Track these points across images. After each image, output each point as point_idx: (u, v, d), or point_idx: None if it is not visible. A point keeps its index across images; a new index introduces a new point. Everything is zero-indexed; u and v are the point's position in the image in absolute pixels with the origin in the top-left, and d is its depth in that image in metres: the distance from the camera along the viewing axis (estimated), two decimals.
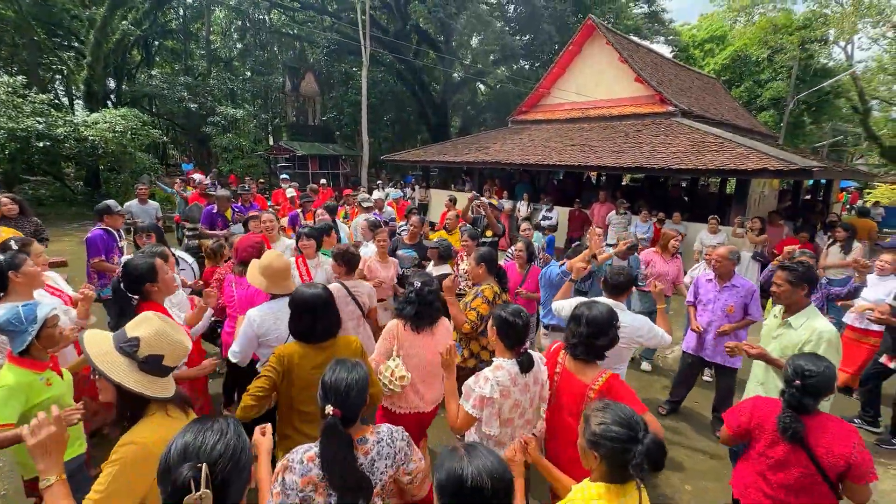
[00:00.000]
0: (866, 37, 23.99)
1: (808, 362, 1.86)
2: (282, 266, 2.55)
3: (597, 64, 12.80)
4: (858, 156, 31.66)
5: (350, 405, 1.45)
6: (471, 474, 1.10)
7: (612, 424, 1.37)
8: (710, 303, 3.73)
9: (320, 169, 18.72)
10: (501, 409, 1.92)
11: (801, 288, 2.50)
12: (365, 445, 1.51)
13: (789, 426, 1.84)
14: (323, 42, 22.27)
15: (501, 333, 1.99)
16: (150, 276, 2.31)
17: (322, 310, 2.04)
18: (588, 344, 1.97)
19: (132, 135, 13.09)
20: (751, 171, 7.33)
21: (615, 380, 1.95)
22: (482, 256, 3.19)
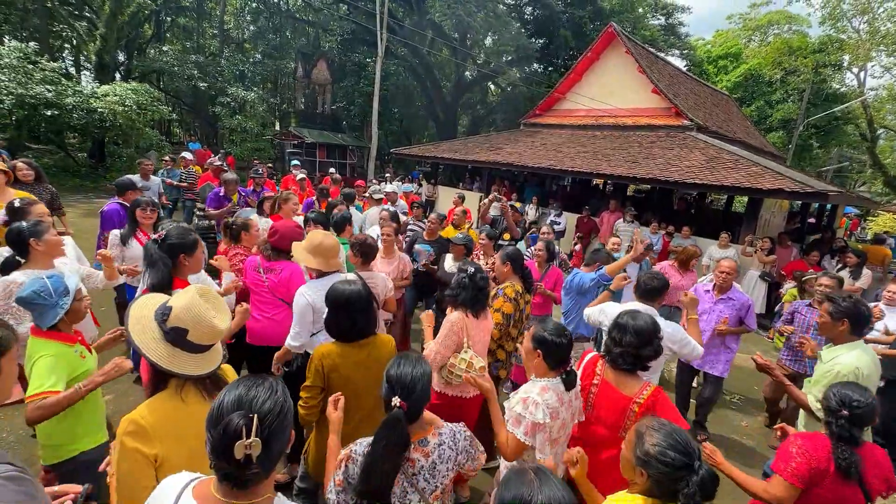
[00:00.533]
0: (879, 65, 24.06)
1: (854, 392, 1.78)
2: (332, 244, 2.62)
3: (614, 72, 12.76)
4: (861, 182, 31.83)
5: (415, 399, 1.44)
6: (539, 502, 1.06)
7: (669, 449, 1.32)
8: (706, 313, 3.78)
9: (328, 157, 18.61)
10: (551, 432, 1.86)
11: (841, 323, 2.39)
12: (426, 447, 1.48)
13: (851, 462, 1.73)
14: (337, 30, 22.10)
15: (546, 355, 1.89)
16: (191, 247, 2.29)
17: (361, 306, 2.00)
18: (633, 355, 1.92)
19: (141, 110, 12.95)
20: (766, 190, 7.31)
21: (660, 393, 1.90)
22: (508, 255, 3.16)
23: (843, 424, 1.76)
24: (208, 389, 1.45)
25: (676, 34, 26.16)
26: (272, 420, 1.03)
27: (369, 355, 2.01)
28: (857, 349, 2.39)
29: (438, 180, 15.62)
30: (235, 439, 0.96)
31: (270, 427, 1.02)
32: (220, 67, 19.70)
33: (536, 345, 1.91)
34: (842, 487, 1.77)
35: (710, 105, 14.75)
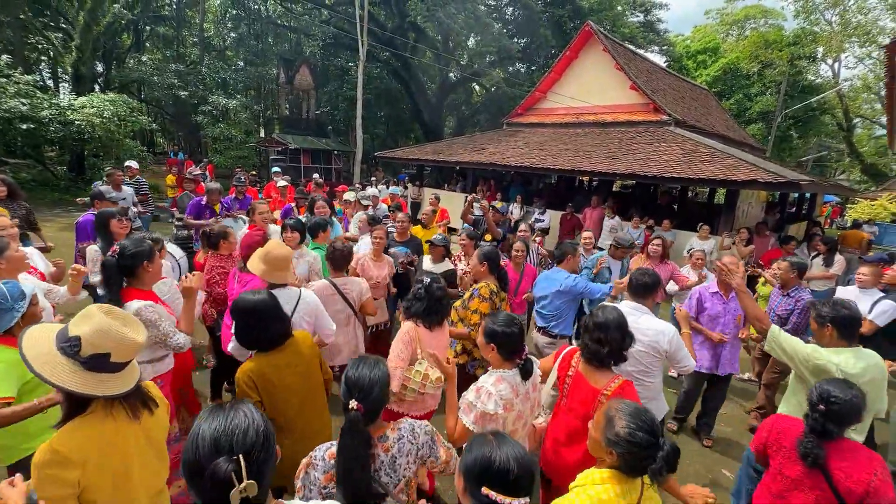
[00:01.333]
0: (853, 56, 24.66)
1: (836, 388, 1.81)
2: (281, 254, 2.56)
3: (593, 70, 12.91)
4: (840, 171, 32.52)
5: (372, 401, 1.46)
6: (499, 457, 1.17)
7: (637, 430, 1.40)
8: (721, 315, 3.62)
9: (312, 163, 18.54)
10: (505, 423, 1.87)
11: (826, 328, 2.30)
12: (386, 443, 1.51)
13: (810, 451, 1.81)
14: (319, 35, 22.06)
15: (498, 346, 1.92)
16: (150, 254, 2.27)
17: (271, 315, 1.97)
18: (617, 349, 1.97)
19: (120, 121, 12.80)
20: (741, 181, 7.46)
21: (628, 386, 1.94)
22: (486, 255, 3.16)
23: (818, 418, 1.81)
24: (134, 407, 1.44)
25: (655, 31, 26.51)
26: (258, 452, 0.98)
27: (293, 355, 2.03)
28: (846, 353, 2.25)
29: (424, 182, 15.67)
30: (228, 488, 0.90)
31: (259, 460, 0.97)
32: (202, 75, 19.58)
33: (488, 338, 1.93)
34: (802, 471, 1.86)
35: (688, 100, 14.98)
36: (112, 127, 12.42)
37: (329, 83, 23.84)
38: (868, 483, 1.71)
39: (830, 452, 1.81)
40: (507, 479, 1.15)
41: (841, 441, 1.82)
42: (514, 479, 1.15)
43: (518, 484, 1.15)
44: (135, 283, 2.26)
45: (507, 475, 1.15)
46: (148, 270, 2.26)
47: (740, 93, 25.83)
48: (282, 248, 2.61)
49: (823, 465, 1.80)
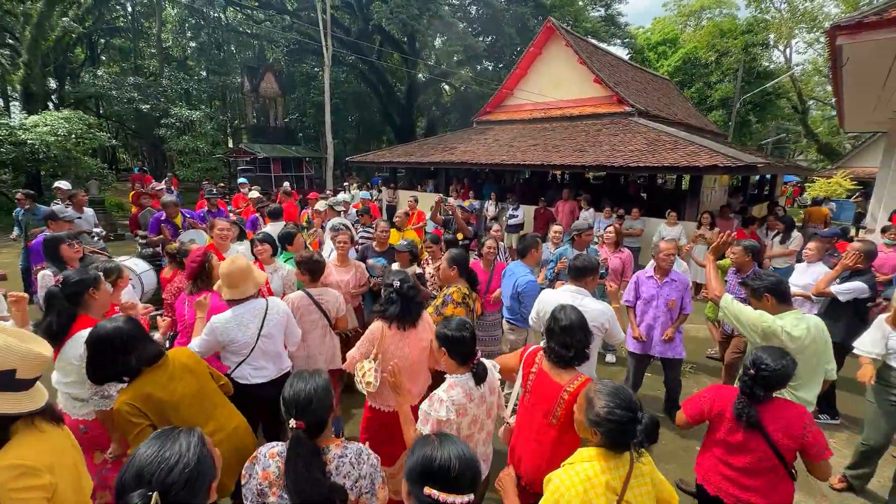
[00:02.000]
0: (803, 41, 25.77)
1: (768, 356, 1.93)
2: (234, 269, 2.50)
3: (557, 65, 13.12)
4: (799, 152, 33.93)
5: (312, 415, 1.44)
6: (440, 456, 1.17)
7: (616, 408, 1.46)
8: (654, 299, 3.77)
9: (283, 171, 18.24)
10: (460, 428, 1.87)
11: (766, 298, 2.44)
12: (326, 455, 1.48)
13: (742, 412, 1.94)
14: (283, 41, 21.72)
15: (451, 351, 1.91)
16: (94, 281, 2.21)
17: (130, 342, 1.81)
18: (581, 350, 2.02)
19: (77, 139, 12.33)
20: (702, 167, 7.72)
21: (589, 382, 1.97)
22: (454, 259, 3.17)
23: (747, 381, 1.95)
24: (54, 416, 1.45)
25: (616, 24, 27.11)
26: (179, 490, 0.97)
27: (173, 369, 1.94)
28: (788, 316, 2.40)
29: (399, 184, 15.62)
30: None
31: (179, 497, 0.97)
32: (162, 87, 18.98)
33: (441, 343, 1.93)
34: (744, 433, 1.97)
35: (651, 90, 15.38)
36: (68, 145, 11.95)
37: (296, 89, 23.49)
38: (801, 437, 1.85)
39: (765, 415, 1.92)
40: (449, 477, 1.15)
41: (773, 402, 1.95)
42: (455, 477, 1.15)
43: (460, 481, 1.16)
44: (84, 311, 2.20)
45: (449, 473, 1.15)
46: (94, 298, 2.21)
47: (700, 81, 26.69)
48: (233, 262, 2.53)
49: (761, 427, 1.91)
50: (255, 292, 2.62)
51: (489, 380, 1.98)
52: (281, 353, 2.69)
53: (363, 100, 25.25)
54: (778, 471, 1.94)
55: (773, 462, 1.92)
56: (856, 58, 6.34)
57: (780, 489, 1.97)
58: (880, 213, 9.71)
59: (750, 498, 1.99)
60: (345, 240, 3.99)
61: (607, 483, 1.44)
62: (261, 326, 2.54)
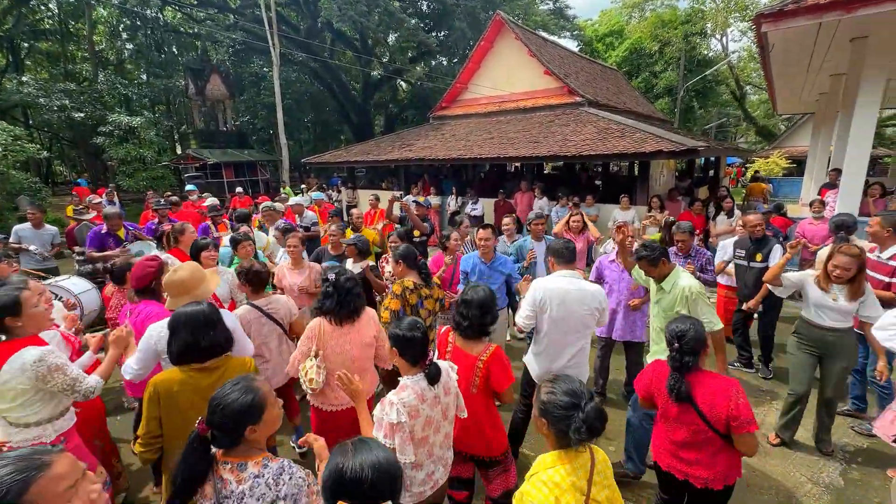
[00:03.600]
0: (737, 30, 27.26)
1: (680, 323, 2.03)
2: (180, 277, 2.41)
3: (508, 58, 13.28)
4: (740, 135, 36.01)
5: (219, 424, 1.38)
6: (351, 467, 1.11)
7: (559, 394, 1.47)
8: (616, 282, 3.82)
9: (236, 177, 17.60)
10: (413, 431, 1.84)
11: (662, 263, 2.84)
12: (242, 473, 1.39)
13: (674, 387, 2.01)
14: (227, 41, 20.85)
15: (402, 352, 1.89)
16: (8, 309, 2.03)
17: (203, 327, 1.88)
18: (479, 324, 2.20)
19: (3, 151, 11.38)
20: (648, 153, 8.04)
21: (498, 351, 2.20)
22: (399, 255, 3.21)
23: (675, 356, 2.02)
24: None
25: (565, 17, 27.72)
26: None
27: (219, 380, 1.83)
28: (683, 275, 2.82)
29: (358, 184, 15.39)
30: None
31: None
32: (97, 93, 17.80)
33: (392, 343, 1.91)
34: (678, 406, 2.04)
35: (600, 80, 15.85)
36: None
37: (245, 91, 22.65)
38: (728, 409, 1.90)
39: (695, 387, 1.99)
40: (362, 488, 1.09)
41: (701, 374, 2.03)
42: (368, 487, 1.09)
43: (375, 491, 1.09)
44: (10, 336, 2.04)
45: (361, 485, 1.09)
46: (15, 324, 2.05)
47: (646, 71, 27.78)
48: (181, 270, 2.44)
49: (692, 399, 1.98)
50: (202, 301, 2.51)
51: (444, 380, 1.94)
52: None
53: (318, 99, 24.67)
54: (715, 443, 1.99)
55: (709, 434, 1.97)
56: (780, 44, 6.79)
57: (719, 460, 2.01)
58: (811, 188, 10.48)
59: (695, 471, 2.05)
60: (295, 242, 3.90)
61: (574, 484, 1.42)
62: None
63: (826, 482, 3.04)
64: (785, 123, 28.46)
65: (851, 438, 3.49)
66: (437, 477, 1.98)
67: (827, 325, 3.11)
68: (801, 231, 5.98)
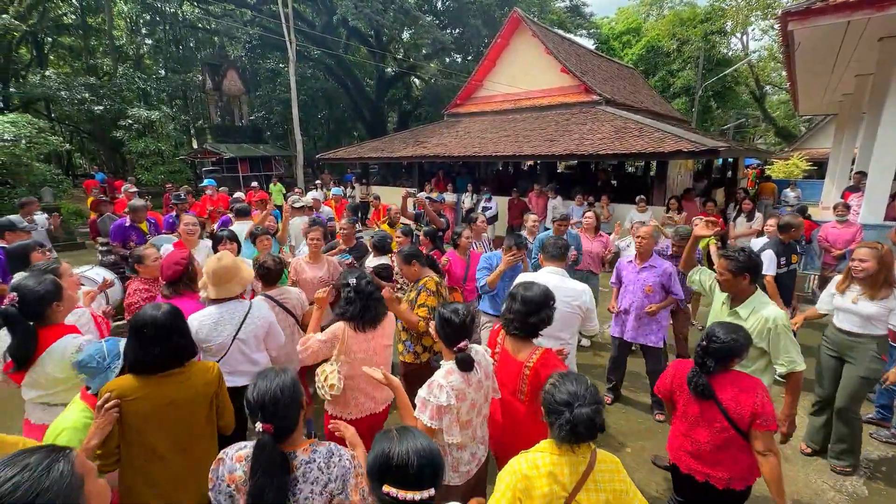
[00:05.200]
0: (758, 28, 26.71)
1: (721, 329, 1.97)
2: (223, 266, 2.45)
3: (525, 56, 13.19)
4: (758, 136, 35.30)
5: (282, 416, 1.36)
6: (398, 453, 1.15)
7: (559, 389, 1.47)
8: (631, 283, 3.77)
9: (251, 171, 17.77)
10: (460, 413, 1.86)
11: (743, 277, 2.43)
12: (293, 461, 1.40)
13: (691, 380, 2.01)
14: (244, 37, 21.04)
15: (440, 332, 1.94)
16: (56, 292, 2.08)
17: (162, 333, 1.73)
18: (522, 322, 2.03)
19: (27, 143, 11.64)
20: (667, 153, 7.93)
21: (548, 353, 2.04)
22: (408, 255, 3.14)
23: (699, 352, 2.01)
24: None
25: (581, 14, 27.44)
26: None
27: (180, 388, 1.77)
28: (767, 303, 2.43)
29: (373, 180, 15.46)
30: None
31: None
32: (117, 87, 18.10)
33: (437, 323, 1.97)
34: (700, 405, 2.02)
35: (616, 79, 15.66)
36: (17, 151, 11.27)
37: (260, 86, 22.84)
38: (754, 406, 1.88)
39: (718, 384, 1.97)
40: (408, 472, 1.13)
41: (726, 374, 1.99)
42: (414, 473, 1.13)
43: (420, 477, 1.14)
44: (50, 323, 2.08)
45: (407, 469, 1.13)
46: (58, 309, 2.10)
47: (663, 70, 27.35)
48: (222, 259, 2.49)
49: (715, 398, 1.95)
50: (240, 292, 2.55)
51: (484, 365, 1.99)
52: (257, 363, 2.56)
53: (332, 96, 24.77)
54: (737, 442, 1.96)
55: (731, 433, 1.95)
56: (806, 43, 6.64)
57: (741, 459, 1.98)
58: (833, 191, 10.24)
59: (717, 472, 2.01)
60: (317, 237, 3.93)
61: (551, 473, 1.41)
62: (237, 330, 2.46)
63: (850, 490, 2.98)
64: (805, 125, 27.86)
65: (876, 447, 3.42)
66: (480, 455, 2.05)
67: (845, 329, 3.05)
68: (824, 235, 5.85)
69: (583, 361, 4.86)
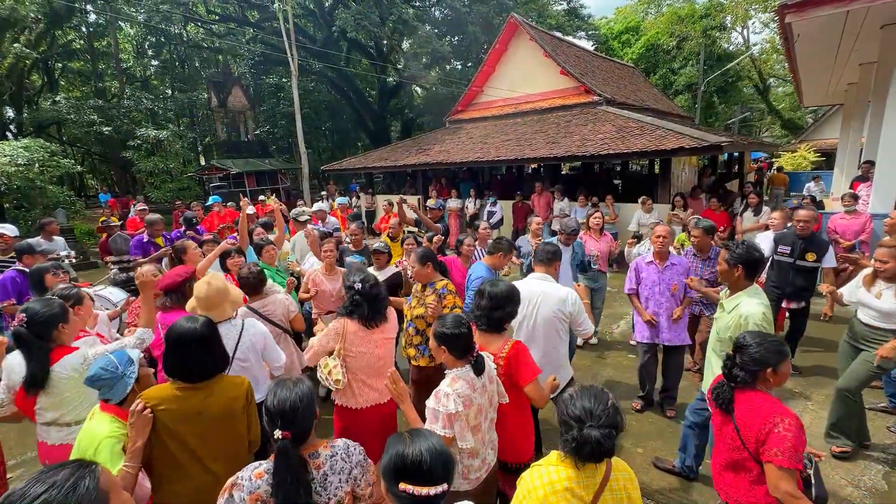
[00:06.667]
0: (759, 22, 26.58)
1: (750, 337, 1.87)
2: (213, 289, 2.43)
3: (524, 60, 13.26)
4: (764, 129, 34.95)
5: (299, 423, 1.43)
6: (412, 453, 1.22)
7: (574, 404, 1.42)
8: (655, 284, 3.68)
9: (258, 185, 17.98)
10: (468, 419, 1.91)
11: (736, 268, 2.40)
12: (317, 460, 1.48)
13: (716, 392, 1.92)
14: (247, 54, 21.41)
15: (450, 348, 1.95)
16: (63, 315, 2.13)
17: (197, 346, 1.82)
18: (488, 316, 2.18)
19: (40, 167, 11.94)
20: (669, 150, 7.90)
21: (518, 345, 2.16)
22: (425, 256, 3.15)
23: (727, 363, 1.90)
24: None
25: (580, 16, 27.51)
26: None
27: (208, 399, 1.83)
28: (751, 298, 2.40)
29: (377, 189, 15.57)
30: None
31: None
32: (125, 108, 18.52)
33: (439, 341, 1.97)
34: (721, 417, 1.92)
35: (617, 78, 15.66)
36: (31, 174, 11.56)
37: (265, 102, 23.20)
38: (760, 430, 1.71)
39: (740, 401, 1.84)
40: (422, 471, 1.20)
41: (752, 392, 1.83)
42: (428, 470, 1.20)
43: (433, 473, 1.20)
44: (57, 343, 2.13)
45: (421, 467, 1.20)
46: (65, 331, 2.15)
47: (664, 67, 27.28)
48: (212, 282, 2.46)
49: (732, 414, 1.85)
50: (232, 312, 2.55)
51: (487, 369, 2.03)
52: (258, 379, 2.57)
53: (335, 108, 25.06)
54: (752, 470, 1.79)
55: (744, 454, 1.80)
56: (806, 34, 6.60)
57: (756, 492, 1.79)
58: (843, 182, 10.10)
59: (732, 493, 1.87)
60: (331, 248, 3.98)
61: (570, 489, 1.39)
62: (234, 350, 2.45)
63: (868, 485, 2.92)
64: (812, 116, 27.53)
65: (894, 440, 3.35)
66: (490, 460, 2.09)
67: (866, 322, 3.04)
68: (833, 226, 5.78)
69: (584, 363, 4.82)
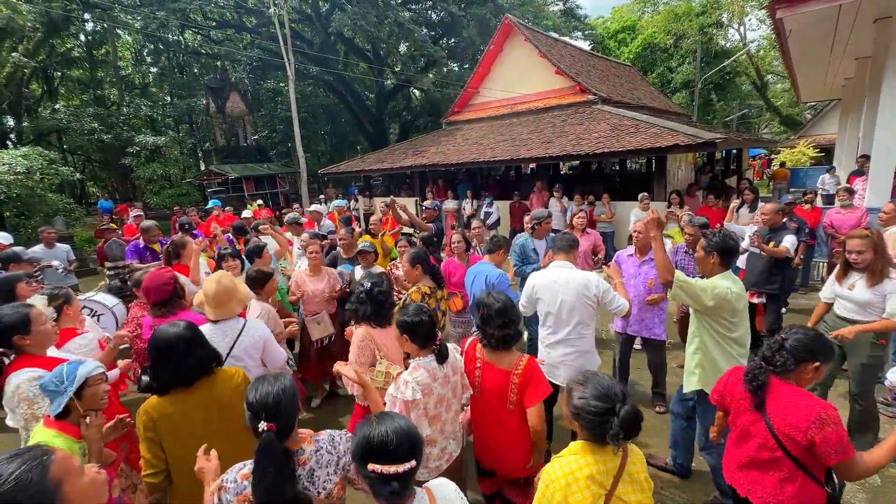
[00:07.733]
0: (755, 18, 26.57)
1: (801, 328, 1.83)
2: (223, 287, 2.45)
3: (518, 60, 13.28)
4: (763, 125, 34.88)
5: (282, 416, 1.43)
6: (377, 434, 1.23)
7: (591, 399, 1.45)
8: (633, 277, 3.76)
9: (257, 190, 18.02)
10: (427, 408, 1.93)
11: (712, 255, 2.46)
12: (302, 456, 1.49)
13: (750, 372, 1.84)
14: (245, 59, 21.50)
15: (412, 336, 1.98)
16: (18, 328, 2.09)
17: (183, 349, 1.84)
18: (499, 336, 2.08)
19: (40, 175, 12.01)
20: (664, 147, 7.89)
21: (532, 361, 2.09)
22: (416, 257, 3.18)
23: (773, 346, 1.83)
24: None
25: (576, 17, 27.56)
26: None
27: (208, 395, 1.87)
28: (727, 279, 2.43)
29: (376, 192, 15.59)
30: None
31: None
32: (124, 115, 18.61)
33: (401, 330, 2.00)
34: (749, 415, 1.86)
35: (613, 77, 15.66)
36: (31, 183, 11.62)
37: (263, 106, 23.29)
38: (806, 431, 1.63)
39: (771, 395, 1.77)
40: (388, 450, 1.21)
41: (785, 385, 1.77)
42: (394, 449, 1.21)
43: (399, 452, 1.22)
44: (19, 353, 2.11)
45: (388, 447, 1.21)
46: (25, 342, 2.11)
47: (661, 66, 27.29)
48: (221, 280, 2.48)
49: (763, 408, 1.78)
50: (239, 311, 2.56)
51: (451, 360, 2.05)
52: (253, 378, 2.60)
53: (333, 111, 25.14)
54: (783, 467, 1.73)
55: (776, 453, 1.73)
56: (798, 30, 6.59)
57: (788, 491, 1.73)
58: (842, 177, 10.07)
59: (755, 489, 1.83)
60: (315, 249, 4.00)
61: (591, 476, 1.42)
62: (230, 347, 2.46)
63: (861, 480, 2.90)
64: (810, 111, 27.47)
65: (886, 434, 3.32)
66: (451, 450, 2.08)
67: (841, 315, 3.03)
68: (829, 221, 5.77)
69: None
